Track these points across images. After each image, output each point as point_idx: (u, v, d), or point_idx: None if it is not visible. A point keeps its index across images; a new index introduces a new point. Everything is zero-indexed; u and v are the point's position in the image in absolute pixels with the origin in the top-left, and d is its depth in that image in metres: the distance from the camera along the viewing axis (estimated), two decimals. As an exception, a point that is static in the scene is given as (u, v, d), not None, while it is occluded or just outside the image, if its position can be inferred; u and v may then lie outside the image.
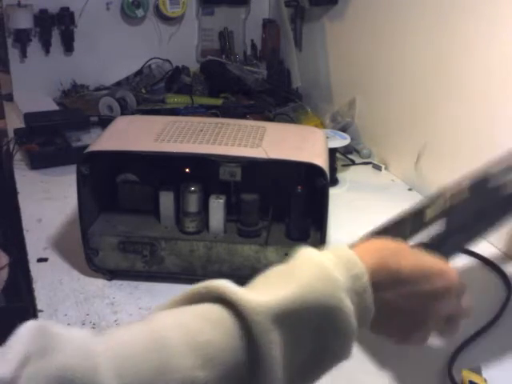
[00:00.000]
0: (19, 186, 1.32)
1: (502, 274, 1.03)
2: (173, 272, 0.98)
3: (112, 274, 0.99)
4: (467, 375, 0.77)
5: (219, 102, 1.76)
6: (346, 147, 1.44)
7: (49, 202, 1.25)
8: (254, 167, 0.95)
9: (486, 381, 0.77)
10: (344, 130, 1.52)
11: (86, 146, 0.99)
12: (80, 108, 1.69)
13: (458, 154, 1.22)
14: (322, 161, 0.94)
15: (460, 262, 1.08)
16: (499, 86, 1.08)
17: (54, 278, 0.99)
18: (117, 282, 0.99)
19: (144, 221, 1.00)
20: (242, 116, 1.60)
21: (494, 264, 1.06)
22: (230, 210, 1.00)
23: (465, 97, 1.18)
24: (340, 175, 1.41)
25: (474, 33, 1.13)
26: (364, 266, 0.54)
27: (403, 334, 0.61)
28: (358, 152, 1.54)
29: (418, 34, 1.30)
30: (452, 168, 1.24)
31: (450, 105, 1.23)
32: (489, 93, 1.11)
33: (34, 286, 0.97)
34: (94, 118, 1.59)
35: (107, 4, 1.84)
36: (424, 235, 0.71)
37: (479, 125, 1.15)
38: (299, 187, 0.97)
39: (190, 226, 0.98)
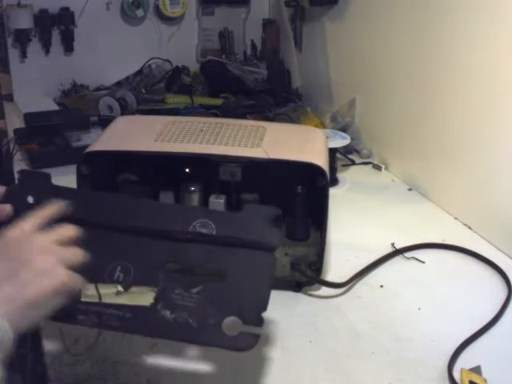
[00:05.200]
0: (19, 186, 1.31)
1: (502, 274, 1.03)
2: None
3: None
4: (467, 375, 0.77)
5: (219, 101, 1.76)
6: (345, 147, 1.44)
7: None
8: (254, 167, 0.95)
9: (485, 381, 0.77)
10: (344, 130, 1.52)
11: (85, 146, 0.99)
12: (80, 108, 1.69)
13: (457, 154, 1.22)
14: (322, 161, 0.94)
15: (460, 261, 1.09)
16: (501, 86, 1.08)
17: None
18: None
19: (144, 221, 1.00)
20: (242, 116, 1.60)
21: (494, 264, 1.06)
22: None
23: (466, 96, 1.18)
24: (340, 175, 1.41)
25: (477, 32, 1.13)
26: None
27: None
28: (357, 152, 1.54)
29: (418, 34, 1.30)
30: (452, 168, 1.25)
31: (450, 104, 1.23)
32: (490, 93, 1.11)
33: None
34: (94, 118, 1.59)
35: (107, 4, 1.84)
36: None
37: (480, 125, 1.15)
38: (299, 187, 0.97)
39: (190, 226, 0.98)
